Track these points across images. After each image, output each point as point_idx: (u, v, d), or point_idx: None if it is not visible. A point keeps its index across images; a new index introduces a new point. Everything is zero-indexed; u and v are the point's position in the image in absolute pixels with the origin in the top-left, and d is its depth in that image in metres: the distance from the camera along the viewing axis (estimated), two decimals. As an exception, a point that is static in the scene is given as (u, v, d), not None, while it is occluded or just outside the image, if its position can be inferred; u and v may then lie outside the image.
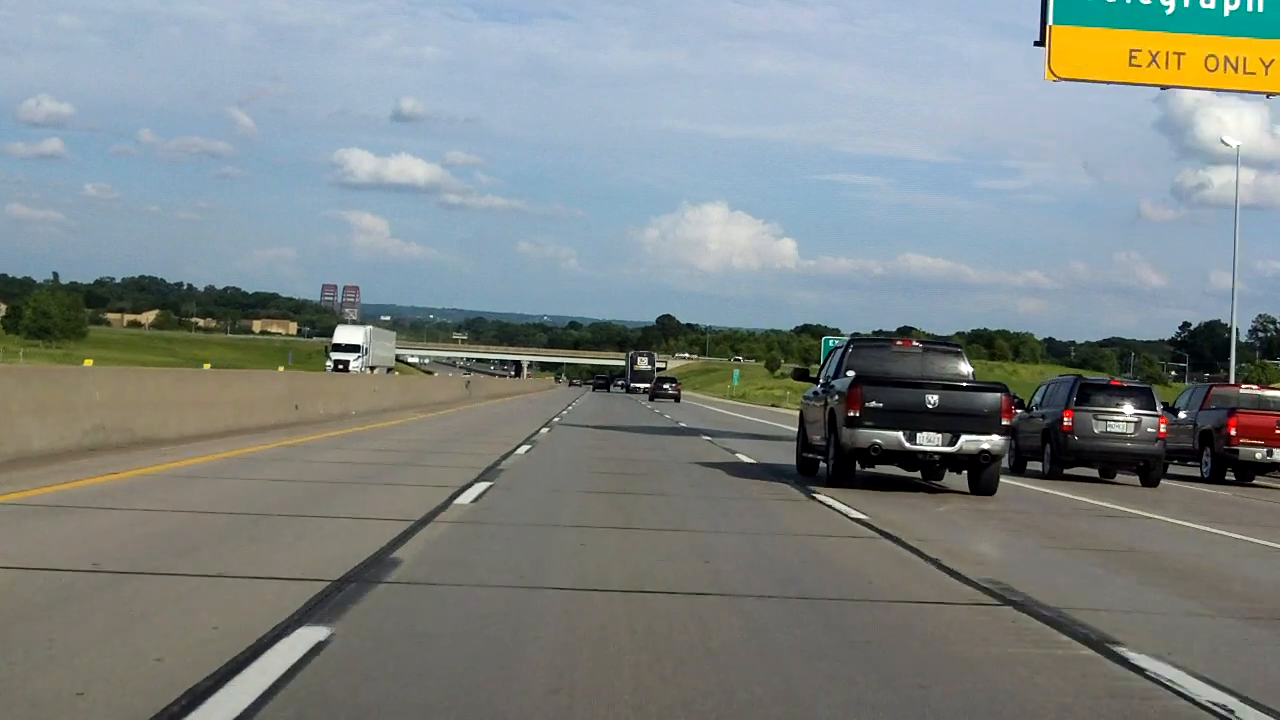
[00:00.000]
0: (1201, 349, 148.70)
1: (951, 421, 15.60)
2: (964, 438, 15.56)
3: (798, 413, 19.21)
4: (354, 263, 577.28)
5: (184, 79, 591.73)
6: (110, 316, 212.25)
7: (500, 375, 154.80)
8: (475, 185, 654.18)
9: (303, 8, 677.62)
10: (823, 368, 18.70)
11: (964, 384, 16.43)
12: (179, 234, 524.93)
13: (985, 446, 15.62)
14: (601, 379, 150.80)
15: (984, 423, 15.66)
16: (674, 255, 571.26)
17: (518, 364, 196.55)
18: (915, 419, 15.59)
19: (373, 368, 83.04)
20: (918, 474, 17.19)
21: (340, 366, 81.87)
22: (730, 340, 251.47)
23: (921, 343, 17.53)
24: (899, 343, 17.41)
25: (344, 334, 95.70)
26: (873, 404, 15.56)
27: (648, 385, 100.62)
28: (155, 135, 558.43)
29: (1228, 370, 42.40)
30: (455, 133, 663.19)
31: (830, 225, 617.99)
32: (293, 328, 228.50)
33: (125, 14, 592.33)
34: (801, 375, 19.31)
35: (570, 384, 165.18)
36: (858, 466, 16.17)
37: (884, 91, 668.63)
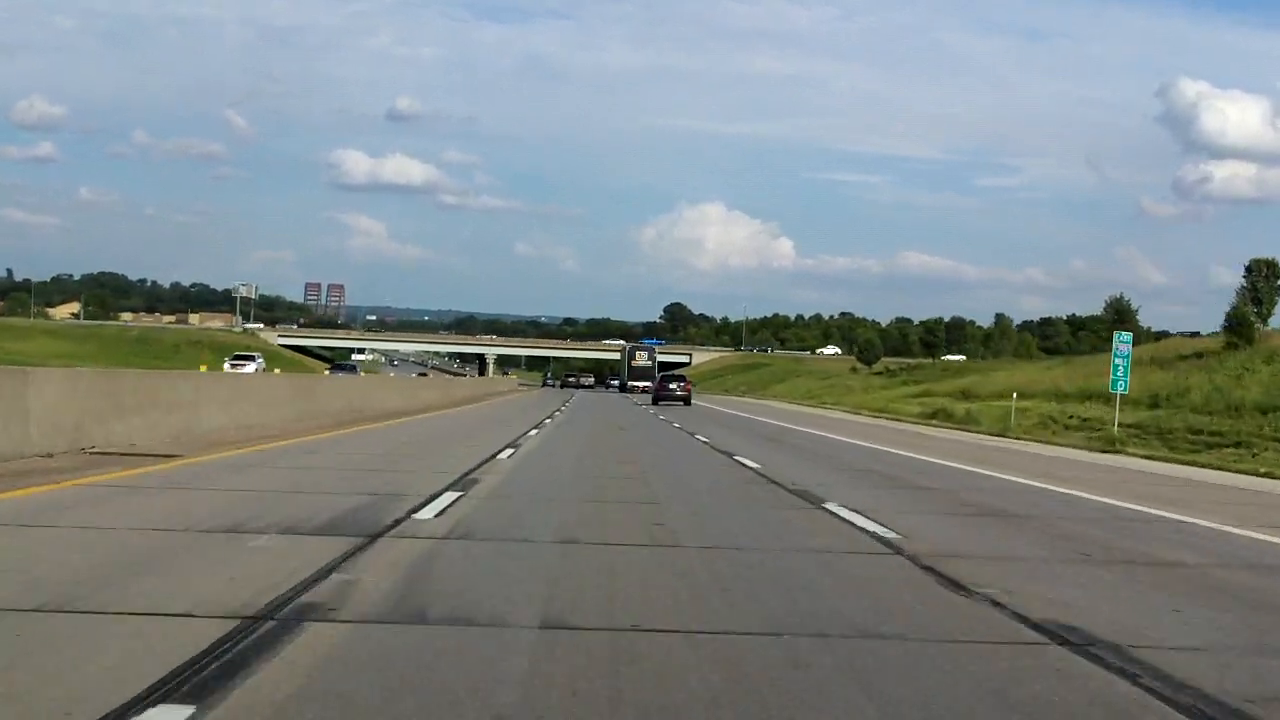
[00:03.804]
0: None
1: None
2: None
3: None
4: (349, 263, 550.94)
5: (180, 80, 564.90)
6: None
7: (461, 374, 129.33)
8: (472, 185, 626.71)
9: (300, 8, 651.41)
10: None
11: None
12: (170, 234, 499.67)
13: None
14: (571, 376, 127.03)
15: None
16: (672, 255, 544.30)
17: (481, 358, 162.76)
18: None
19: None
20: None
21: None
22: (770, 327, 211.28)
23: None
24: None
25: None
26: None
27: (649, 384, 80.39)
28: (150, 137, 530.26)
29: None
30: (453, 132, 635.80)
31: (829, 223, 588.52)
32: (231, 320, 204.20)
33: (121, 15, 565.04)
34: None
35: (546, 384, 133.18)
36: None
37: (882, 89, 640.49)
